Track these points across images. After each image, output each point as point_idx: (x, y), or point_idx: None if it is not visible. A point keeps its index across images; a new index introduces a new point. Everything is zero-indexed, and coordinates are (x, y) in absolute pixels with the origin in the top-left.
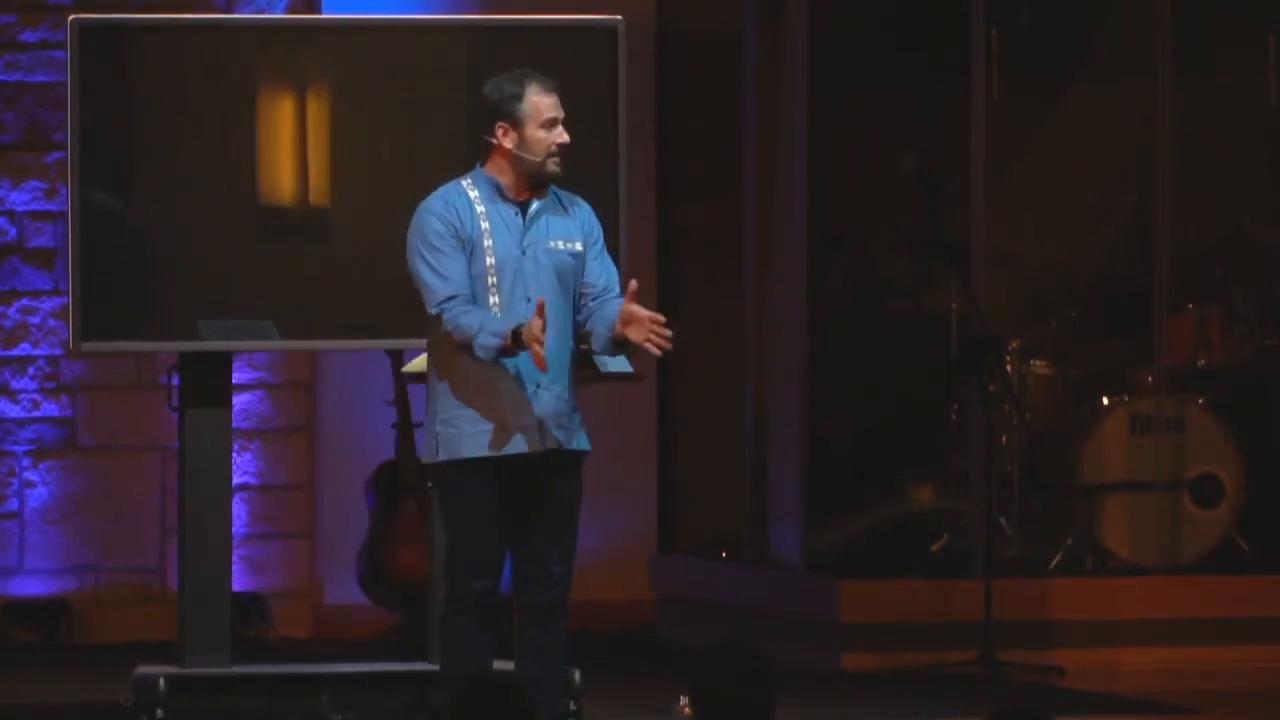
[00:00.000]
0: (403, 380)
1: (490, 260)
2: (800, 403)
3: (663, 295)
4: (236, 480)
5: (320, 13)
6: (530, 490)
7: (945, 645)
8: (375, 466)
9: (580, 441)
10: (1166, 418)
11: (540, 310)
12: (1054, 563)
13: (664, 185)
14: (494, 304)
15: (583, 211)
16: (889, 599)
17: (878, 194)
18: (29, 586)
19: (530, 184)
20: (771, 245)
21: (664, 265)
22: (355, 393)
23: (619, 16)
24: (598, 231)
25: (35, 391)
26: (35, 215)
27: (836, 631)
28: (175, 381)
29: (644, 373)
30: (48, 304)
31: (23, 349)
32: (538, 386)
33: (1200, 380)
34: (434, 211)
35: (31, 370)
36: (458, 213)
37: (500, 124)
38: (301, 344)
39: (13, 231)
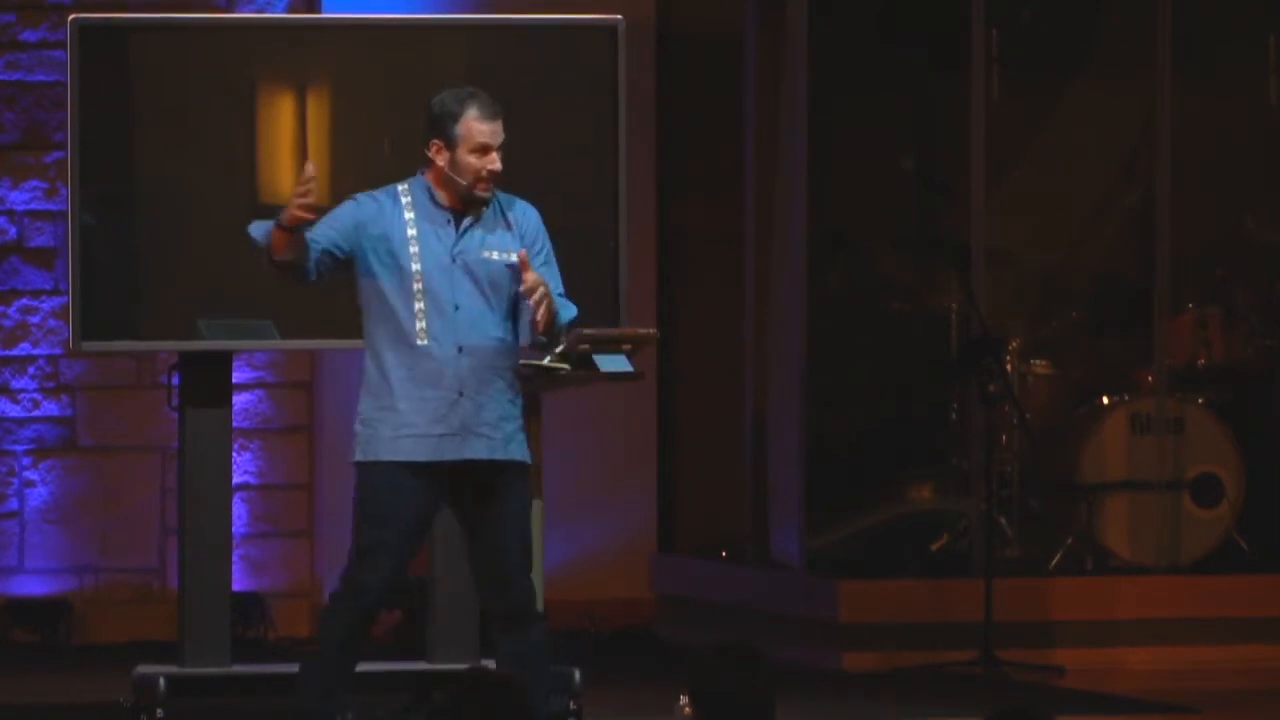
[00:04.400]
0: None
1: (416, 266)
2: (800, 403)
3: (663, 295)
4: (236, 480)
5: (320, 13)
6: (476, 500)
7: (945, 645)
8: None
9: (512, 453)
10: (1166, 418)
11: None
12: (1054, 563)
13: (664, 185)
14: (419, 309)
15: (527, 222)
16: (889, 599)
17: (878, 194)
18: (29, 586)
19: (461, 203)
20: (771, 245)
21: (664, 265)
22: (355, 393)
23: (619, 16)
24: (542, 241)
25: (35, 391)
26: (35, 215)
27: (836, 631)
28: (175, 381)
29: (644, 373)
30: (48, 304)
31: (23, 349)
32: (460, 395)
33: (1200, 380)
34: (361, 202)
35: (31, 370)
36: (381, 215)
37: (435, 140)
38: (301, 344)
39: (13, 231)
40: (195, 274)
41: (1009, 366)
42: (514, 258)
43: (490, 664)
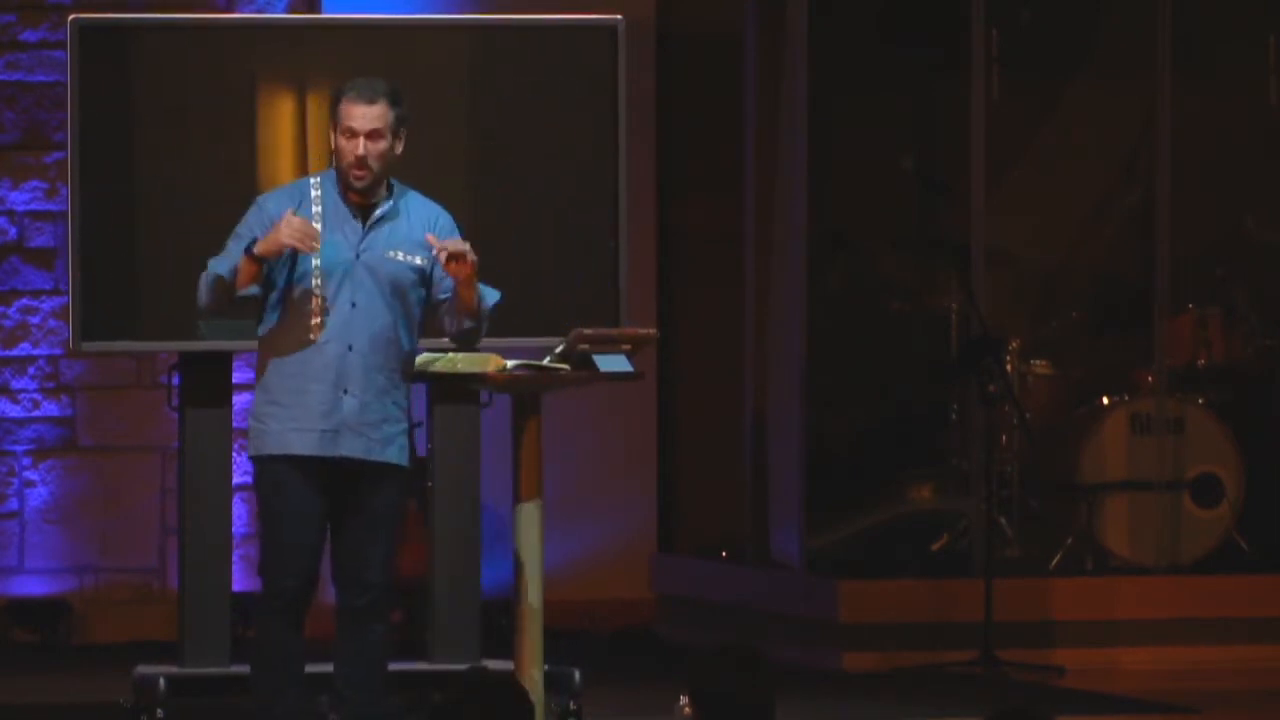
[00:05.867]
0: None
1: (316, 262)
2: (800, 403)
3: (663, 295)
4: (236, 480)
5: (320, 13)
6: (348, 497)
7: (945, 645)
8: None
9: (388, 455)
10: (1166, 418)
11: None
12: (1054, 563)
13: (664, 184)
14: (315, 305)
15: (439, 226)
16: (889, 599)
17: (878, 194)
18: (29, 586)
19: (359, 193)
20: (771, 244)
21: (664, 265)
22: None
23: (619, 16)
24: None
25: (35, 391)
26: (35, 215)
27: (836, 631)
28: (175, 381)
29: (644, 373)
30: (48, 304)
31: (23, 349)
32: (344, 392)
33: (1200, 380)
34: (265, 205)
35: (31, 370)
36: (284, 211)
37: (330, 125)
38: None
39: (13, 231)
40: (195, 274)
41: (1009, 366)
42: (419, 261)
43: (490, 664)
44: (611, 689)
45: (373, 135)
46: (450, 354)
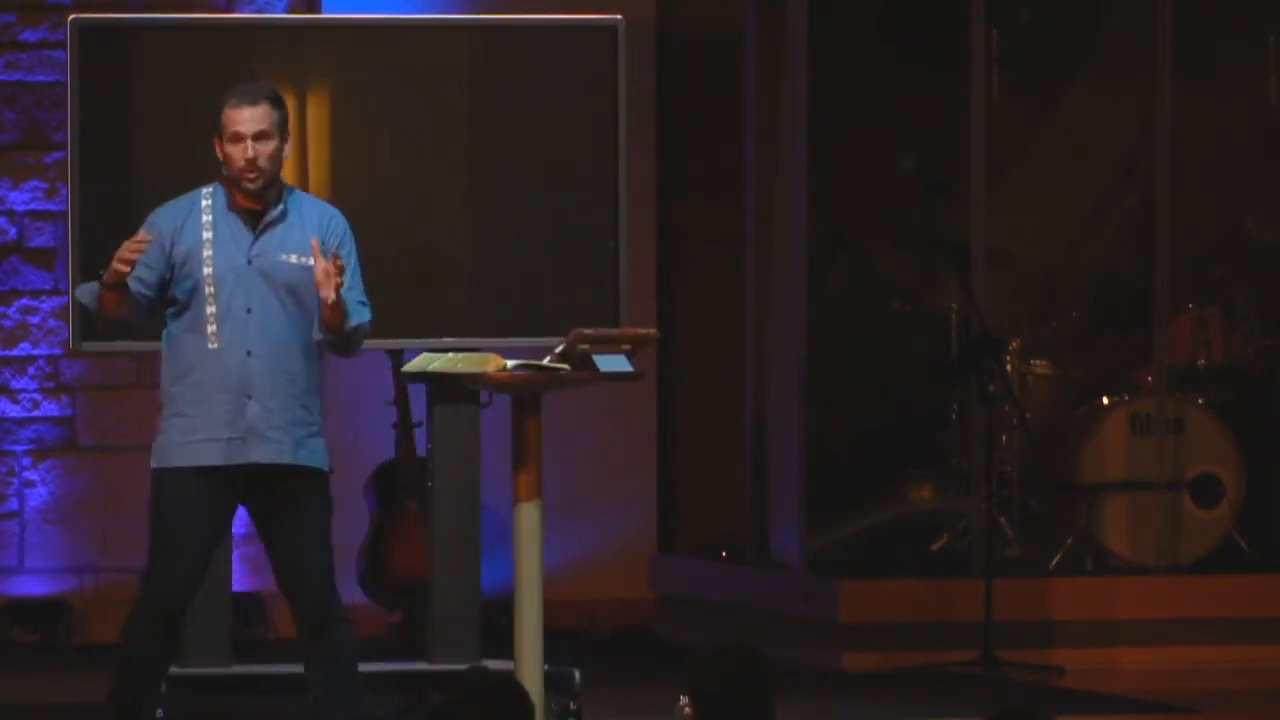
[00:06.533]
0: (403, 380)
1: (208, 270)
2: (800, 403)
3: (663, 295)
4: None
5: (320, 13)
6: (271, 506)
7: (945, 645)
8: (375, 466)
9: (301, 458)
10: (1166, 418)
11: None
12: (1054, 563)
13: (664, 185)
14: (211, 314)
15: (330, 230)
16: (889, 599)
17: (878, 194)
18: (29, 586)
19: (254, 199)
20: (771, 245)
21: (664, 265)
22: (355, 393)
23: (619, 16)
24: (348, 248)
25: (35, 391)
26: (35, 215)
27: (836, 631)
28: None
29: (644, 373)
30: (48, 304)
31: (23, 349)
32: (248, 399)
33: (1200, 380)
34: (156, 219)
35: (31, 370)
36: (180, 226)
37: (215, 136)
38: None
39: (13, 231)
40: None
41: (1009, 366)
42: (312, 262)
43: (490, 664)
44: (611, 689)
45: (259, 137)
46: (450, 354)
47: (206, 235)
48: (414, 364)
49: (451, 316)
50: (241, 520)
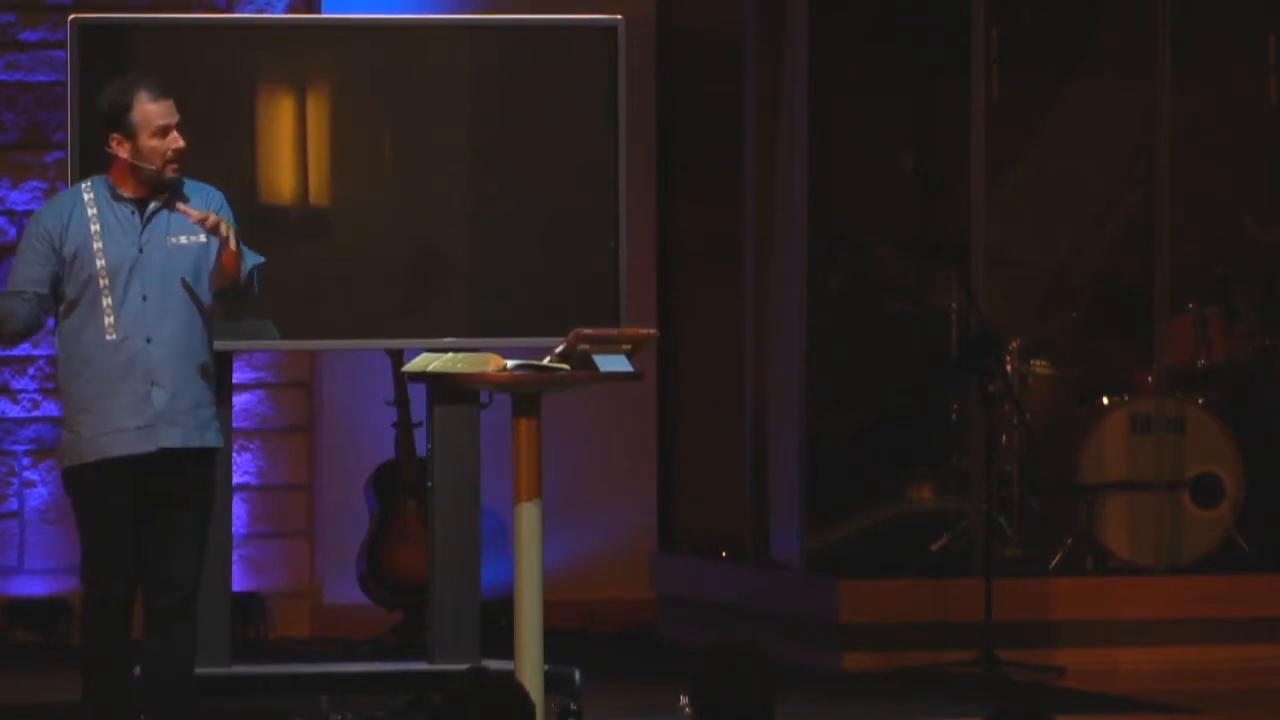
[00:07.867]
0: (403, 380)
1: (100, 263)
2: (800, 403)
3: (663, 295)
4: (236, 480)
5: (320, 13)
6: (159, 492)
7: (945, 645)
8: (375, 466)
9: (208, 439)
10: (1166, 418)
11: None
12: (1054, 563)
13: (664, 185)
14: (107, 305)
15: (211, 203)
16: (889, 599)
17: (878, 194)
18: (29, 586)
19: (151, 189)
20: (771, 245)
21: (664, 265)
22: (355, 393)
23: (619, 16)
24: (228, 217)
25: (35, 391)
26: None
27: (836, 631)
28: None
29: (644, 373)
30: None
31: (23, 349)
32: (153, 385)
33: (1200, 380)
34: (41, 219)
35: (31, 370)
36: (65, 223)
37: (114, 135)
38: (301, 344)
39: (13, 231)
40: None
41: (1009, 366)
42: (202, 239)
43: (490, 664)
44: (611, 689)
45: (179, 127)
46: (450, 354)
47: (94, 228)
48: (414, 364)
49: (451, 316)
50: (241, 520)
